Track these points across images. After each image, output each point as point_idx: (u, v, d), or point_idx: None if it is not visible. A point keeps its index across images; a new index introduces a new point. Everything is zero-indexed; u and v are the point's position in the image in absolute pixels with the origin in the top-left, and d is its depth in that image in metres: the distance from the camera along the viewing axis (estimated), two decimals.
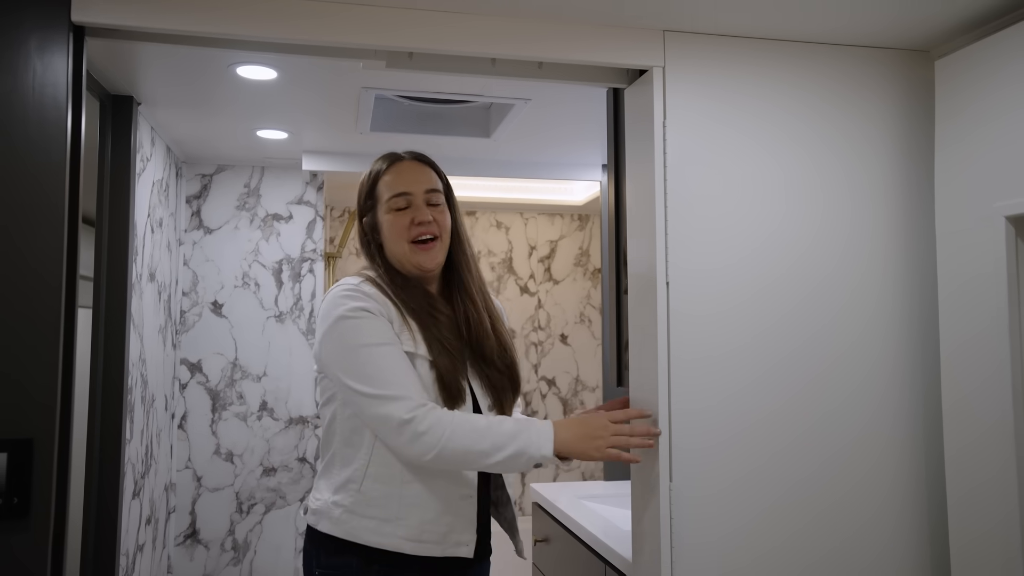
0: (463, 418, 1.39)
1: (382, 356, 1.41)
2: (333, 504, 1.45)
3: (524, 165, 2.95)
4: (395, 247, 1.52)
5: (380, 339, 1.42)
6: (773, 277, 1.69)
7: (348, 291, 1.45)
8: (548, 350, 3.95)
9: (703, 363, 1.64)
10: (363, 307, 1.43)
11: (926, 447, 1.74)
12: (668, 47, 1.69)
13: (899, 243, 1.77)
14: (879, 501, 1.70)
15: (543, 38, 1.64)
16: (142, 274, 2.34)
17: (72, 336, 1.46)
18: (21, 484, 1.36)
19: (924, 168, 1.79)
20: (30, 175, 1.40)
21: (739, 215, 1.69)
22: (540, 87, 2.08)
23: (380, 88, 2.09)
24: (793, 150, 1.73)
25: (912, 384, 1.75)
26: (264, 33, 1.53)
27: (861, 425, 1.71)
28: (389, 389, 1.38)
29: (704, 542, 1.61)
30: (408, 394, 1.39)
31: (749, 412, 1.65)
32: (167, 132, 2.55)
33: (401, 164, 1.57)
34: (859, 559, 1.68)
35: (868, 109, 1.78)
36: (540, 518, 2.73)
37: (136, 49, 1.87)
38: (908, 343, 1.75)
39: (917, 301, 1.76)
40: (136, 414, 2.31)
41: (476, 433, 1.38)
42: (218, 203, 2.98)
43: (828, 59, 1.76)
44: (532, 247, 3.99)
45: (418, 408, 1.37)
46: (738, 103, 1.71)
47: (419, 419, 1.36)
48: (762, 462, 1.65)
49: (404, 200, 1.53)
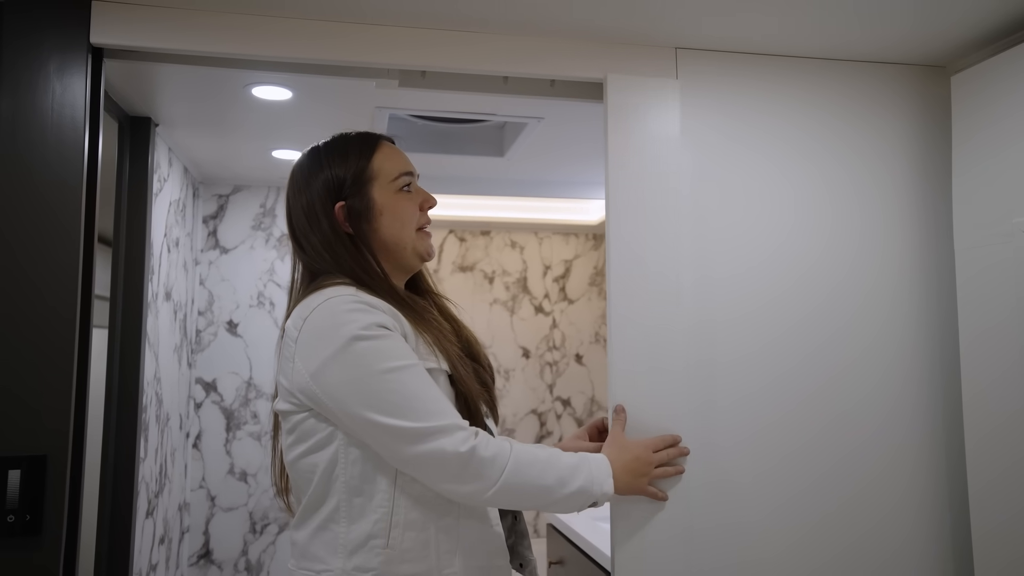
0: (522, 448, 1.20)
1: (413, 380, 1.16)
2: (354, 570, 1.16)
3: (537, 184, 2.95)
4: (400, 232, 1.30)
5: (405, 360, 1.17)
6: (783, 287, 1.69)
7: (353, 303, 1.18)
8: (563, 370, 3.93)
9: (714, 368, 1.65)
10: (378, 323, 1.17)
11: (945, 444, 1.73)
12: (680, 64, 1.69)
13: (911, 256, 1.75)
14: (895, 499, 1.70)
15: (555, 56, 1.65)
16: (158, 293, 2.36)
17: (86, 354, 1.47)
18: (34, 501, 1.37)
19: (938, 184, 1.77)
20: (47, 196, 1.42)
21: (749, 226, 1.69)
22: (553, 105, 2.08)
23: (393, 108, 2.11)
24: (803, 166, 1.72)
25: (926, 386, 1.74)
26: (278, 53, 1.55)
27: (875, 427, 1.70)
28: (434, 420, 1.14)
29: (719, 541, 1.60)
30: (456, 422, 1.16)
31: (759, 416, 1.65)
32: (184, 153, 2.57)
33: (389, 144, 1.37)
34: (878, 554, 1.68)
35: (880, 124, 1.77)
36: (555, 540, 2.70)
37: (154, 71, 1.89)
38: (922, 344, 1.74)
39: (934, 305, 1.75)
40: (151, 433, 2.32)
41: (539, 465, 1.19)
42: (234, 223, 3.00)
43: (840, 75, 1.76)
44: (547, 267, 3.98)
45: (471, 438, 1.15)
46: (749, 119, 1.71)
47: (479, 449, 1.14)
48: (773, 463, 1.65)
49: (409, 180, 1.33)
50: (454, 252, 3.80)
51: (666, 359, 1.58)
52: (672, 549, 1.52)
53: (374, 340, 1.16)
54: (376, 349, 1.15)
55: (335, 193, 1.28)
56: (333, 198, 1.28)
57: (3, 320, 1.39)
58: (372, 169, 1.30)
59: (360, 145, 1.32)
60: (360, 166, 1.29)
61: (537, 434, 3.83)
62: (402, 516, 1.18)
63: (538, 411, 3.85)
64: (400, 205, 1.30)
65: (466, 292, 3.81)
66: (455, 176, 2.85)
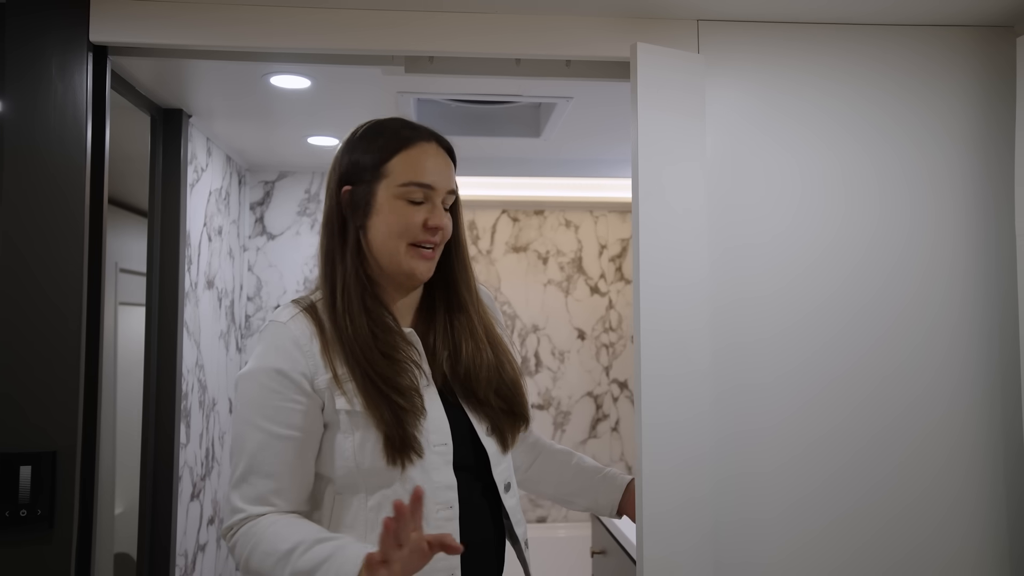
0: (272, 534, 1.15)
1: (266, 447, 1.19)
2: None
3: (580, 164, 2.85)
4: (388, 241, 1.24)
5: (276, 429, 1.19)
6: (824, 281, 1.57)
7: (274, 335, 1.21)
8: (620, 352, 3.84)
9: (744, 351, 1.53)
10: (278, 369, 1.19)
11: (1004, 445, 1.58)
12: (702, 37, 1.57)
13: (966, 240, 1.59)
14: (949, 502, 1.59)
15: (569, 35, 1.56)
16: (197, 282, 2.40)
17: (96, 352, 1.50)
18: (45, 496, 1.40)
19: (998, 159, 1.59)
20: (52, 196, 1.44)
21: (773, 208, 1.58)
22: (580, 85, 1.98)
23: (416, 92, 2.05)
24: (847, 143, 1.58)
25: (981, 384, 1.59)
26: (279, 44, 1.52)
27: (928, 428, 1.58)
28: (238, 488, 1.19)
29: (756, 563, 1.51)
30: (239, 504, 1.18)
31: (807, 432, 1.56)
32: (223, 142, 2.60)
33: (429, 147, 1.28)
34: (933, 562, 1.57)
35: (928, 96, 1.59)
36: (598, 529, 2.65)
37: (181, 64, 1.90)
38: (978, 339, 1.59)
39: (992, 303, 1.58)
40: (194, 419, 2.37)
41: (274, 556, 1.13)
42: (280, 209, 3.03)
43: (884, 42, 1.59)
44: (603, 246, 3.88)
45: (237, 522, 1.18)
46: (781, 94, 1.57)
47: (230, 533, 1.19)
48: (823, 480, 1.55)
49: (423, 193, 1.25)
50: (507, 232, 3.74)
51: (692, 343, 1.47)
52: (699, 545, 1.44)
53: (261, 390, 1.20)
54: (256, 401, 1.20)
55: (349, 176, 1.27)
56: (345, 180, 1.27)
57: (11, 321, 1.42)
58: (387, 167, 1.25)
59: (390, 140, 1.27)
60: (378, 160, 1.26)
61: (593, 417, 3.76)
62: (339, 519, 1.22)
63: (594, 393, 3.77)
64: (397, 212, 1.24)
65: (519, 273, 3.75)
66: (495, 157, 2.78)
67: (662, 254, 1.44)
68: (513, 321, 3.74)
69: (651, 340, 1.40)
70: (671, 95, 1.48)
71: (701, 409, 1.49)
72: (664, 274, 1.44)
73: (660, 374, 1.42)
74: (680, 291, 1.46)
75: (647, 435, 1.39)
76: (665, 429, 1.42)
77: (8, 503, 1.39)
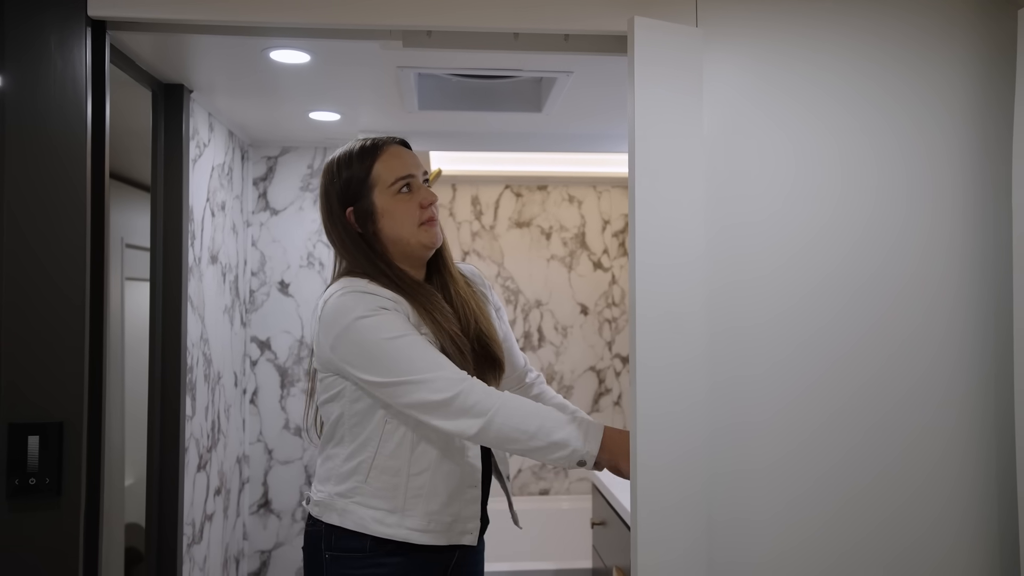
0: (512, 396, 1.40)
1: (409, 345, 1.40)
2: (338, 496, 1.47)
3: (584, 138, 2.84)
4: (403, 230, 1.51)
5: (403, 331, 1.42)
6: (826, 272, 1.57)
7: (358, 291, 1.45)
8: (622, 327, 3.85)
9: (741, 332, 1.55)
10: (379, 305, 1.43)
11: (996, 435, 1.59)
12: (701, 10, 1.56)
13: (963, 216, 1.59)
14: (942, 502, 1.58)
15: (567, 9, 1.56)
16: (201, 257, 2.42)
17: (100, 325, 1.52)
18: (52, 465, 1.44)
19: (997, 138, 1.58)
20: (53, 171, 1.45)
21: (768, 188, 1.57)
22: (580, 59, 1.98)
23: (415, 67, 2.05)
24: (844, 119, 1.57)
25: (977, 375, 1.58)
26: (276, 19, 1.52)
27: (922, 423, 1.58)
28: (424, 372, 1.38)
29: (749, 561, 1.53)
30: (446, 372, 1.39)
31: (798, 427, 1.56)
32: (226, 117, 2.61)
33: (392, 148, 1.55)
34: (930, 559, 1.58)
35: (926, 70, 1.58)
36: (598, 500, 2.68)
37: (181, 40, 1.90)
38: (973, 332, 1.58)
39: (989, 283, 1.58)
40: (199, 392, 2.41)
41: (524, 411, 1.37)
42: (283, 185, 3.04)
43: (882, 15, 1.58)
44: (606, 221, 3.88)
45: (462, 382, 1.37)
46: (778, 69, 1.57)
47: (465, 392, 1.36)
48: (818, 475, 1.55)
49: (408, 182, 1.53)
50: (510, 208, 3.74)
51: (688, 325, 1.48)
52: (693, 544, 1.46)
53: (373, 318, 1.41)
54: (376, 325, 1.41)
55: (345, 199, 1.53)
56: (344, 204, 1.53)
57: (16, 295, 1.45)
58: (372, 177, 1.52)
59: (363, 155, 1.53)
60: (362, 175, 1.52)
61: (596, 391, 3.79)
62: (381, 462, 1.45)
63: (596, 368, 3.79)
64: (399, 208, 1.51)
65: (523, 248, 3.76)
66: (497, 132, 2.78)
67: (658, 232, 1.44)
68: (516, 296, 3.75)
69: (647, 323, 1.40)
70: (669, 70, 1.48)
71: (696, 399, 1.48)
72: (660, 252, 1.44)
73: (655, 360, 1.41)
74: (676, 270, 1.46)
75: (642, 428, 1.37)
76: (661, 420, 1.41)
77: (18, 471, 1.43)
